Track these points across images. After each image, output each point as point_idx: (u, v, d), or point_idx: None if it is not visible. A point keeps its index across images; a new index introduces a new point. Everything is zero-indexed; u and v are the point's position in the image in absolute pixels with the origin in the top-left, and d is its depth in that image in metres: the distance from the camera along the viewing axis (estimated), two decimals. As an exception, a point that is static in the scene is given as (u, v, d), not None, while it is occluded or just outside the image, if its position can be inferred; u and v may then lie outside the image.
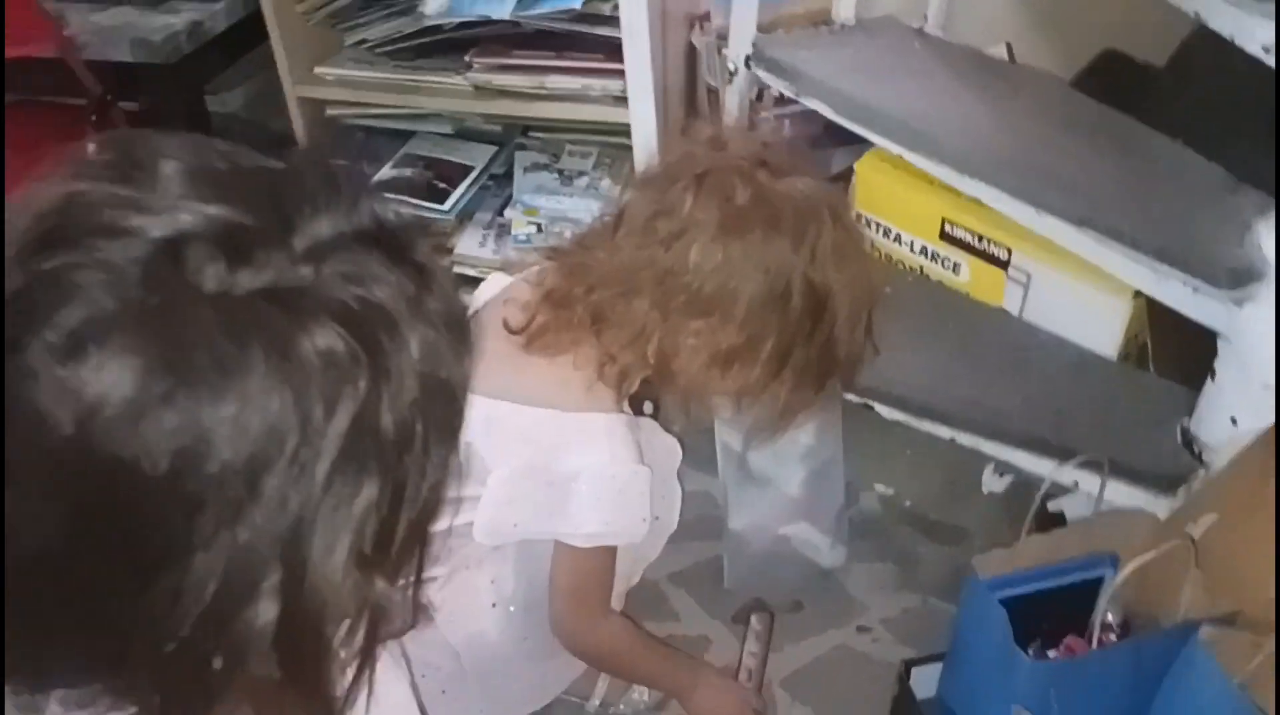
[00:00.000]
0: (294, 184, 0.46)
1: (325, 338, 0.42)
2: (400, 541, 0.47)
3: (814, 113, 1.51)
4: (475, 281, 1.52)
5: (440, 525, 0.95)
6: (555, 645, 1.05)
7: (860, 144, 1.53)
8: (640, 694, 1.21)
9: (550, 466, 0.93)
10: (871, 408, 1.41)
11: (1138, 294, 1.36)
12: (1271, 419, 1.13)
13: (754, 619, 1.27)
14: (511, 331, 0.96)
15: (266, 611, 0.42)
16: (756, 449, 1.26)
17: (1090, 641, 1.08)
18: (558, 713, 1.20)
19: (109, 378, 0.39)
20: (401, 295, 0.45)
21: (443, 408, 0.47)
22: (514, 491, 0.94)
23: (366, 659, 0.49)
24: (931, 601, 1.34)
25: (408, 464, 0.45)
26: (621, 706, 1.21)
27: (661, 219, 0.90)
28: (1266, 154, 1.16)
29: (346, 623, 0.47)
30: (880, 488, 1.48)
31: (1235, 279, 1.15)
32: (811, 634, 1.30)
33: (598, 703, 1.20)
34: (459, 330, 0.48)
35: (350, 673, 0.49)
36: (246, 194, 0.44)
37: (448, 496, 0.50)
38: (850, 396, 1.42)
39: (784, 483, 1.31)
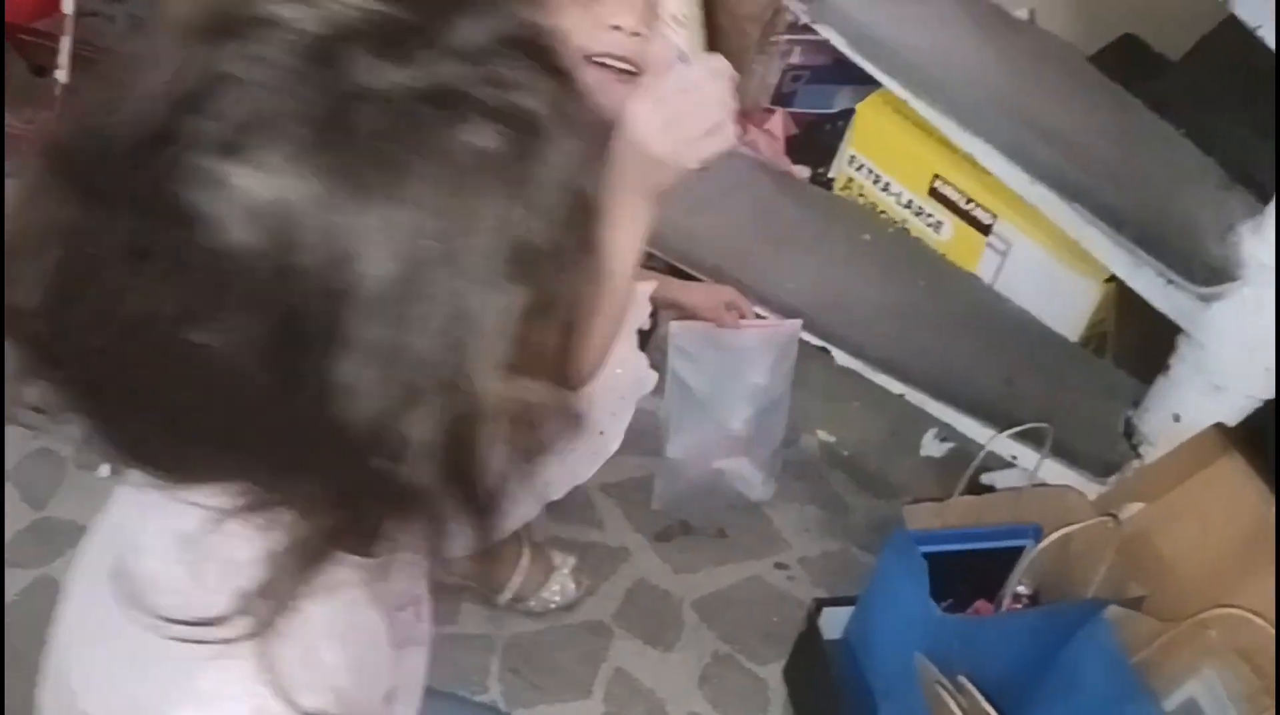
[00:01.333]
0: None
1: (483, 137, 0.41)
2: (551, 349, 0.46)
3: (826, 44, 1.46)
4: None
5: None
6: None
7: (866, 86, 1.50)
8: (555, 592, 1.21)
9: None
10: (829, 352, 1.40)
11: (1109, 280, 1.36)
12: (1212, 420, 1.14)
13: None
14: None
15: (428, 418, 0.41)
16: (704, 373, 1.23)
17: (999, 607, 1.09)
18: (465, 607, 1.20)
19: (269, 178, 0.38)
20: (550, 102, 0.43)
21: (586, 217, 0.46)
22: None
23: (528, 464, 0.48)
24: (853, 550, 1.35)
25: (555, 272, 0.44)
26: (534, 604, 1.21)
27: None
28: (1265, 156, 1.15)
29: (502, 428, 0.45)
30: (822, 434, 1.48)
31: (1210, 276, 1.15)
32: (731, 562, 1.31)
33: (509, 597, 1.20)
34: (601, 140, 0.48)
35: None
36: None
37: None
38: (810, 338, 1.41)
39: (727, 417, 1.30)
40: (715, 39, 0.72)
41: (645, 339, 1.10)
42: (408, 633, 0.61)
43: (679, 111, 0.69)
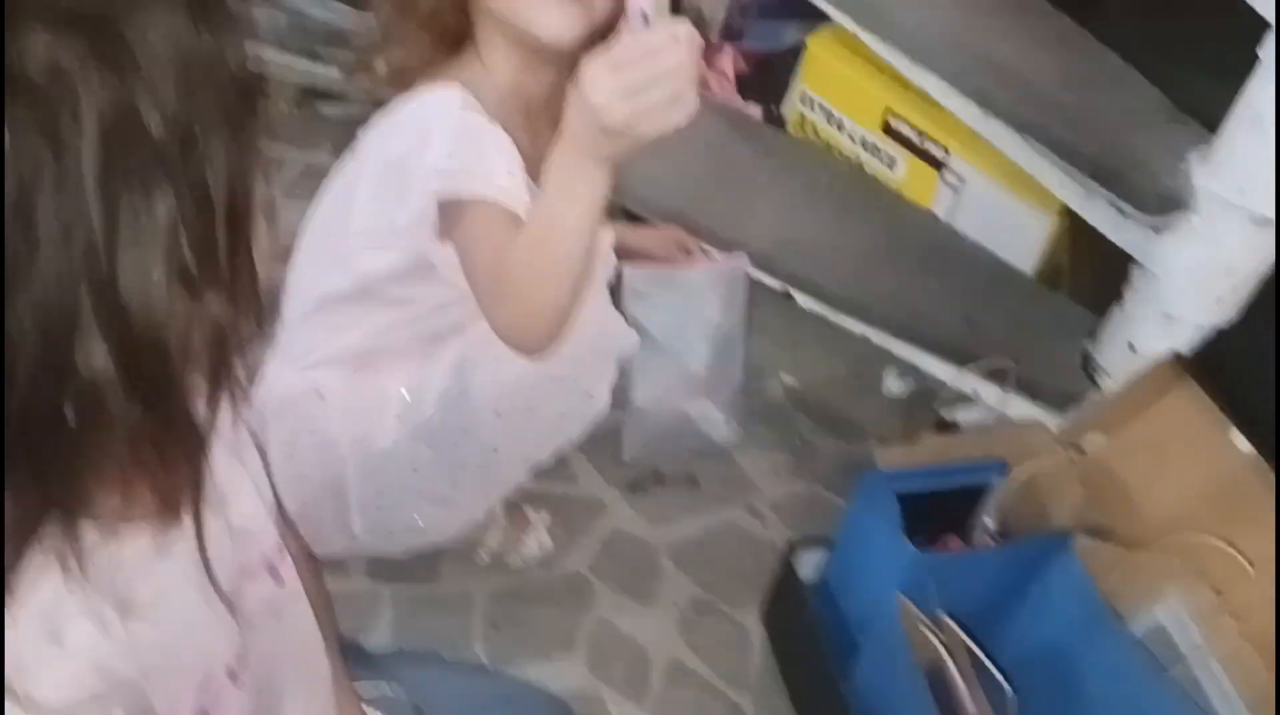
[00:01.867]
0: None
1: (42, 49, 0.39)
2: (223, 247, 0.45)
3: (774, -22, 1.44)
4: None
5: (333, 286, 0.90)
6: (439, 491, 1.02)
7: (817, 20, 1.48)
8: (533, 547, 1.21)
9: (407, 147, 0.85)
10: (790, 296, 1.40)
11: (1063, 213, 1.38)
12: (1167, 349, 1.17)
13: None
14: None
15: (96, 347, 0.41)
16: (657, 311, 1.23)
17: (968, 542, 1.12)
18: (446, 564, 1.19)
19: None
20: None
21: (219, 94, 0.44)
22: (376, 186, 0.89)
23: (221, 380, 0.47)
24: (822, 492, 1.36)
25: (198, 163, 0.43)
26: (512, 559, 1.21)
27: None
28: (1211, 86, 1.16)
29: (191, 347, 0.44)
30: (785, 377, 1.49)
31: (1162, 205, 1.17)
32: (702, 509, 1.32)
33: (487, 554, 1.20)
34: (204, 5, 0.44)
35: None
36: None
37: (260, 190, 0.47)
38: (770, 281, 1.41)
39: (687, 357, 1.30)
40: None
41: (615, 293, 1.09)
42: (269, 603, 0.61)
43: (639, 78, 0.64)
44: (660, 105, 0.64)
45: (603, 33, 0.81)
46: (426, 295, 0.94)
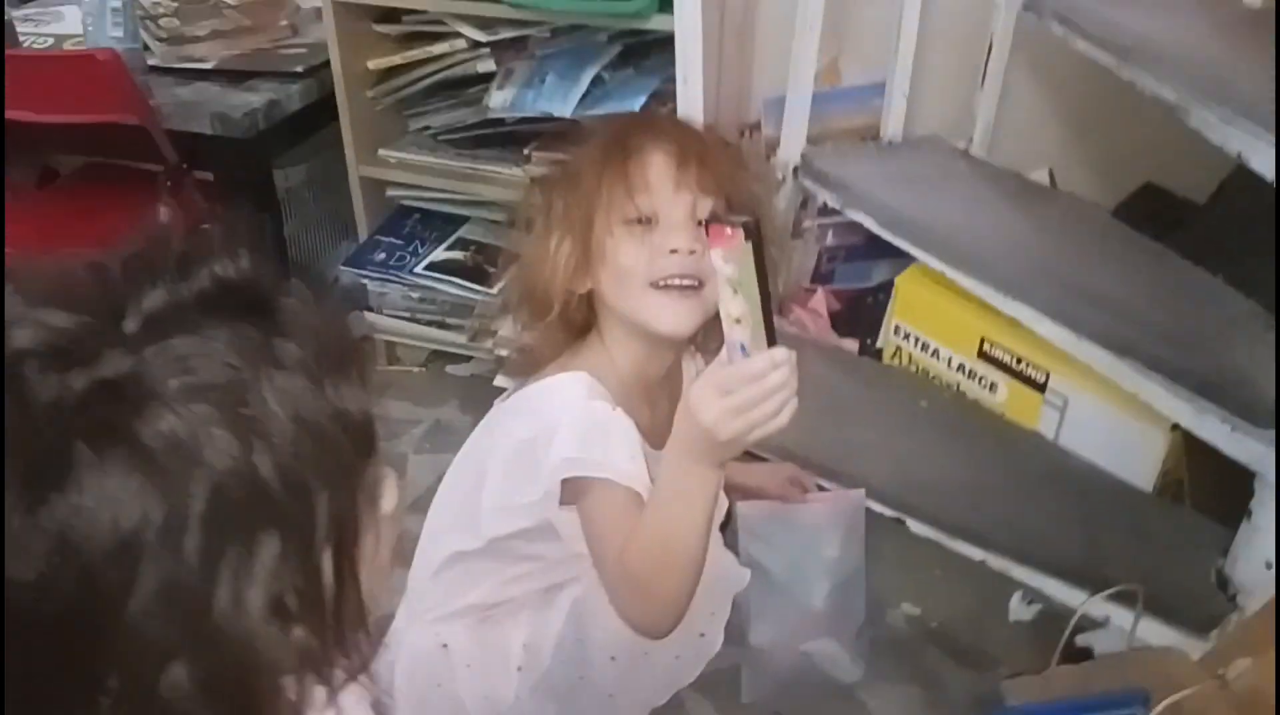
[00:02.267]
0: (130, 265, 0.47)
1: (164, 421, 0.43)
2: (327, 579, 0.47)
3: (858, 224, 1.54)
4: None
5: (460, 545, 0.94)
6: None
7: (902, 258, 1.56)
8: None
9: (535, 432, 0.91)
10: (903, 523, 1.41)
11: (1175, 426, 1.36)
12: (1310, 564, 1.12)
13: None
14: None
15: (180, 672, 0.43)
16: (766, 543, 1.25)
17: (1118, 782, 1.05)
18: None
19: None
20: (249, 348, 0.46)
21: (329, 444, 0.47)
22: (509, 465, 0.94)
23: (303, 704, 0.48)
24: (954, 726, 1.31)
25: (305, 507, 0.46)
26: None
27: None
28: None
29: (278, 673, 0.47)
30: (907, 607, 1.46)
31: (1272, 418, 1.15)
32: (833, 750, 1.27)
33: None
34: (334, 365, 0.48)
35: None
36: (75, 293, 0.45)
37: (368, 525, 0.50)
38: (883, 510, 1.42)
39: (807, 595, 1.30)
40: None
41: (724, 528, 1.12)
42: None
43: (745, 400, 0.73)
44: (766, 418, 0.74)
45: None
46: (551, 550, 0.99)
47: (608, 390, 0.94)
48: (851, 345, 1.69)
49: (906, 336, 1.64)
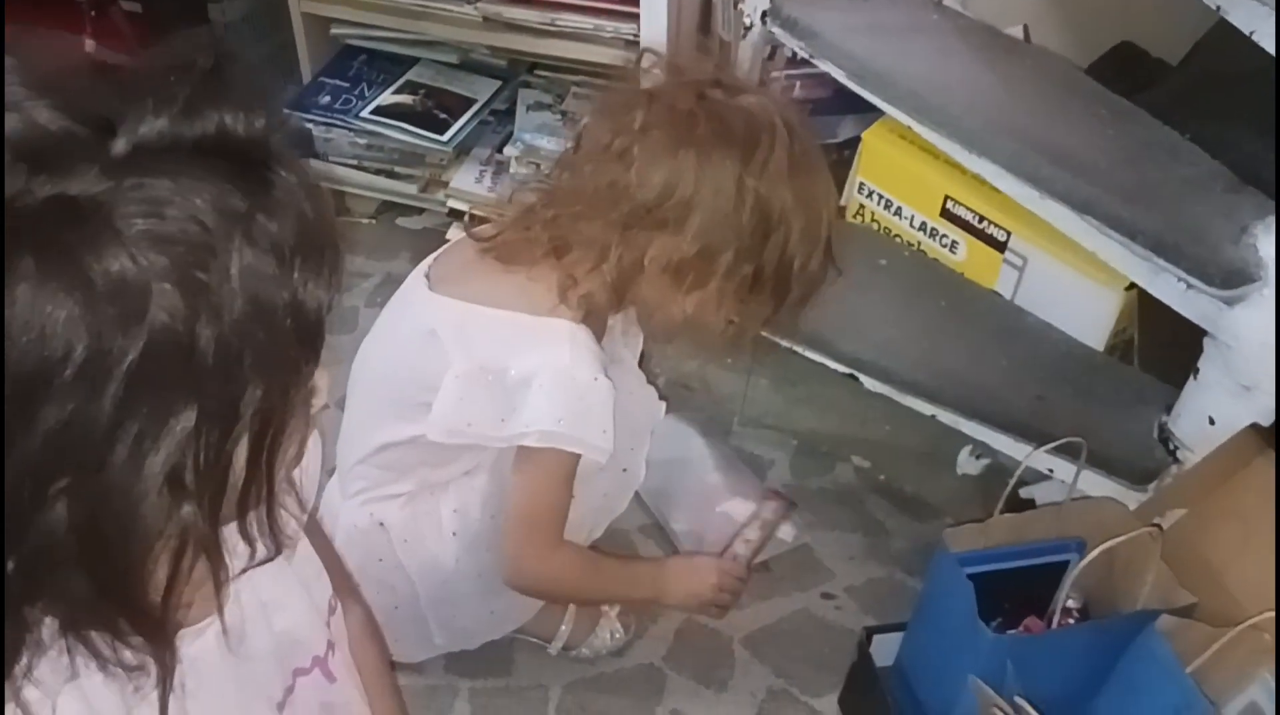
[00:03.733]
0: (141, 84, 0.43)
1: (118, 262, 0.41)
2: (236, 472, 0.46)
3: (826, 76, 1.49)
4: (472, 217, 1.52)
5: (405, 433, 0.96)
6: None
7: (870, 113, 1.52)
8: (605, 638, 1.22)
9: (507, 366, 0.92)
10: (856, 378, 1.41)
11: (1130, 287, 1.37)
12: (1247, 421, 1.15)
13: (767, 506, 1.24)
14: (476, 239, 0.98)
15: (58, 523, 0.42)
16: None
17: (1049, 624, 1.10)
18: (520, 655, 1.21)
19: None
20: (229, 214, 0.43)
21: (276, 335, 0.45)
22: (468, 388, 0.93)
23: (173, 582, 0.48)
24: (898, 574, 1.35)
25: (233, 389, 0.44)
26: (585, 650, 1.22)
27: (615, 137, 0.91)
28: (1270, 156, 1.16)
29: (166, 544, 0.46)
30: (857, 460, 1.49)
31: (1229, 279, 1.15)
32: (776, 596, 1.31)
33: (561, 645, 1.21)
34: (308, 256, 0.46)
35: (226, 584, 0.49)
36: (77, 96, 0.42)
37: (295, 426, 0.48)
38: (836, 366, 1.43)
39: (697, 469, 1.33)
40: None
41: (641, 362, 1.13)
42: (319, 698, 0.63)
43: (724, 599, 1.15)
44: (704, 608, 1.17)
45: None
46: (484, 456, 1.01)
47: (592, 333, 0.95)
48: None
49: (870, 194, 1.61)
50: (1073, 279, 1.42)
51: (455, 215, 1.69)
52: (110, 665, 0.47)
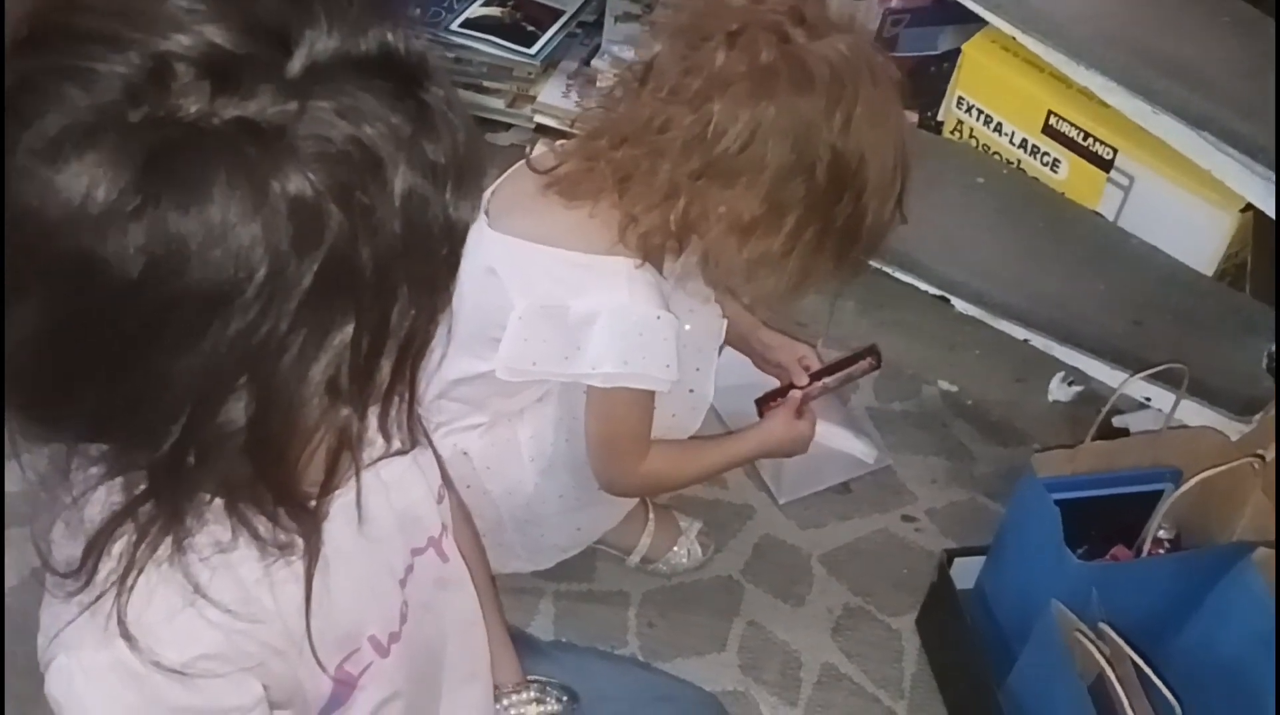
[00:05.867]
0: (307, 1, 0.44)
1: (296, 183, 0.42)
2: (383, 377, 0.49)
3: (925, -16, 1.43)
4: (557, 133, 1.51)
5: (475, 369, 0.98)
6: (591, 498, 1.07)
7: (971, 23, 1.46)
8: (682, 557, 1.24)
9: (569, 305, 0.92)
10: (948, 301, 1.38)
11: (1245, 208, 1.30)
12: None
13: (860, 359, 1.17)
14: (535, 170, 0.96)
15: (234, 419, 0.45)
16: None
17: (1138, 553, 1.08)
18: (601, 563, 1.24)
19: (84, 184, 0.40)
20: (393, 136, 0.44)
21: (429, 255, 0.47)
22: (531, 329, 0.94)
23: (331, 475, 0.52)
24: (980, 499, 1.34)
25: (387, 304, 0.46)
26: (662, 565, 1.24)
27: (691, 76, 0.87)
28: None
29: (320, 441, 0.50)
30: (944, 383, 1.46)
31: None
32: (856, 517, 1.31)
33: (639, 559, 1.24)
34: (461, 177, 0.47)
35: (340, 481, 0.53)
36: (251, 14, 0.43)
37: (438, 337, 0.51)
38: (927, 287, 1.40)
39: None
40: None
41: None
42: (435, 575, 0.67)
43: (787, 437, 1.10)
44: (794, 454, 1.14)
45: None
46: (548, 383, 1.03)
47: (654, 269, 0.94)
48: (910, 117, 1.61)
49: (969, 109, 1.55)
50: (1183, 200, 1.35)
51: (542, 131, 1.68)
52: (264, 543, 0.51)
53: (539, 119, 1.68)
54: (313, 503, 0.52)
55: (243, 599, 0.53)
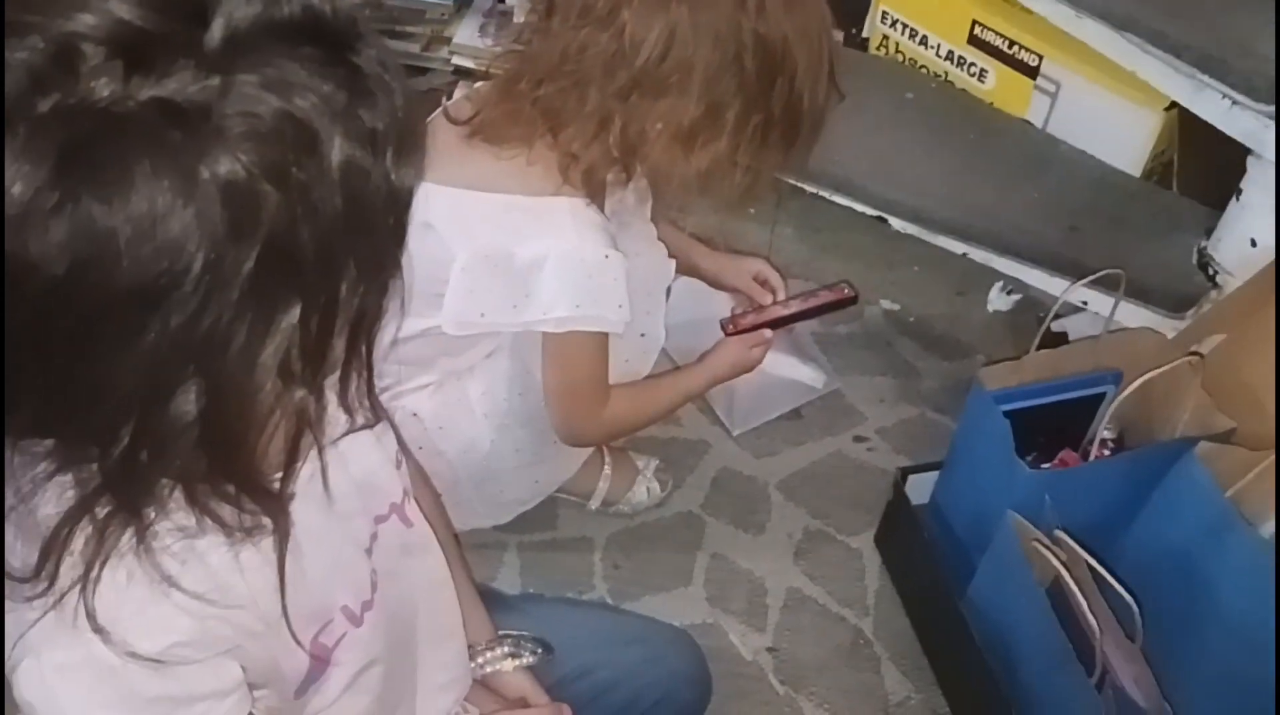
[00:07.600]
0: None
1: (227, 166, 0.39)
2: (337, 356, 0.47)
3: (844, -104, 1.40)
4: (477, 74, 1.45)
5: (419, 327, 0.95)
6: (548, 452, 1.07)
7: (892, -67, 1.43)
8: (642, 495, 1.24)
9: (513, 252, 0.90)
10: (885, 221, 1.38)
11: (1170, 107, 1.31)
12: (1292, 241, 1.12)
13: (827, 287, 1.15)
14: (454, 121, 0.92)
15: (184, 412, 0.43)
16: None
17: (1085, 457, 1.10)
18: (563, 511, 1.24)
19: (9, 170, 0.38)
20: (327, 107, 0.41)
21: (374, 227, 0.45)
22: (476, 279, 0.92)
23: (292, 458, 0.50)
24: (929, 414, 1.36)
25: (334, 282, 0.44)
26: (623, 506, 1.24)
27: None
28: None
29: (277, 424, 0.48)
30: (886, 303, 1.47)
31: (1275, 92, 1.10)
32: (809, 441, 1.33)
33: (599, 503, 1.24)
34: (401, 142, 0.45)
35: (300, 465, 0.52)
36: None
37: (390, 307, 0.49)
38: (864, 208, 1.39)
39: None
40: None
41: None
42: (400, 541, 0.66)
43: (739, 360, 1.08)
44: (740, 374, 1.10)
45: None
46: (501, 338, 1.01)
47: (598, 208, 0.91)
48: (836, 35, 1.58)
49: (894, 24, 1.53)
50: (1109, 102, 1.36)
51: (461, 74, 1.62)
52: (230, 529, 0.50)
53: (456, 60, 1.62)
54: (276, 485, 0.51)
55: (214, 585, 0.52)
